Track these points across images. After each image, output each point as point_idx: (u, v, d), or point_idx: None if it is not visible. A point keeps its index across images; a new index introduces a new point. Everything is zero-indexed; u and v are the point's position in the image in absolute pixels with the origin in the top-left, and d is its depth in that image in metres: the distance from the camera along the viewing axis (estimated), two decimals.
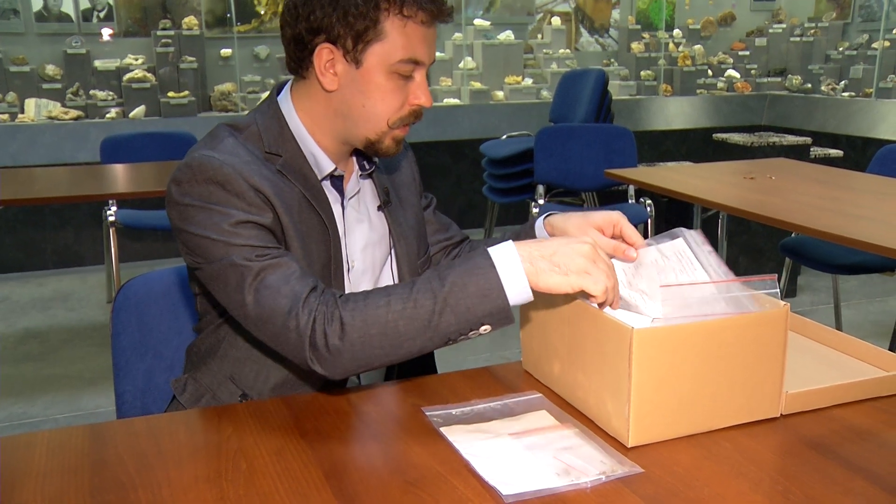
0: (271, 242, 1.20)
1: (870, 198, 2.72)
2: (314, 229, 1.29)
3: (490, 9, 6.33)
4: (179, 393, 1.37)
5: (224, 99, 5.45)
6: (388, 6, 1.20)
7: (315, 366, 1.15)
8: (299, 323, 1.14)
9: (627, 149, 4.23)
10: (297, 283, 1.16)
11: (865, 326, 3.97)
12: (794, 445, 1.07)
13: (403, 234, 1.43)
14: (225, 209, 1.19)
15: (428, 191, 1.62)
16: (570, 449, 1.06)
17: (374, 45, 1.22)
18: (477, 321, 1.11)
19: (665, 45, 6.70)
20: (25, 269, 4.97)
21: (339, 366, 1.14)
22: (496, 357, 3.57)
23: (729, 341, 1.08)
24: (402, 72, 1.24)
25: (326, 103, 1.28)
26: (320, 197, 1.30)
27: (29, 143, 4.81)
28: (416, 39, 1.23)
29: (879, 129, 5.51)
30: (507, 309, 1.12)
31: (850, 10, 6.70)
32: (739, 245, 4.24)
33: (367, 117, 1.26)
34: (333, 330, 1.12)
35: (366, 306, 1.13)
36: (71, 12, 5.27)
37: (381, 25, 1.21)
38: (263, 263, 1.17)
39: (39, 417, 3.08)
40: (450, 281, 1.11)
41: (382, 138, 1.29)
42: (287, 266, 1.18)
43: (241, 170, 1.20)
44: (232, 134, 1.28)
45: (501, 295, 1.10)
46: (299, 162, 1.29)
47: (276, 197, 1.23)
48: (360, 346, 1.12)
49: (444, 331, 1.12)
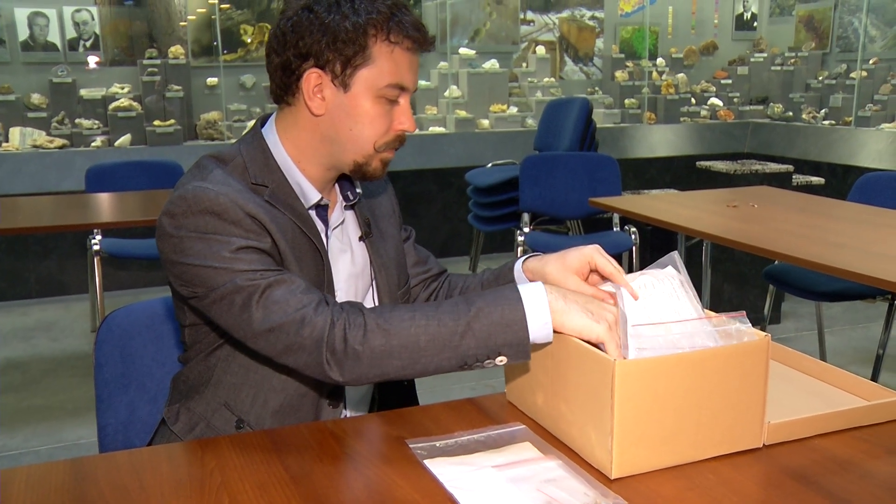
0: (272, 265, 1.22)
1: (850, 226, 2.75)
2: (307, 254, 1.30)
3: (475, 38, 6.39)
4: (172, 422, 1.37)
5: (210, 128, 5.46)
6: (376, 32, 1.24)
7: (332, 370, 1.16)
8: (314, 329, 1.15)
9: (612, 177, 4.26)
10: (305, 294, 1.18)
11: (849, 353, 3.99)
12: (776, 476, 1.08)
13: (384, 265, 1.44)
14: (224, 237, 1.20)
15: (413, 219, 1.64)
16: (553, 481, 1.06)
17: (362, 69, 1.25)
18: (496, 349, 1.14)
19: (649, 74, 6.78)
20: (8, 298, 4.93)
21: (356, 370, 1.16)
22: (482, 386, 3.56)
23: (711, 372, 1.09)
24: (389, 96, 1.27)
25: (313, 129, 1.30)
26: (310, 224, 1.32)
27: (14, 171, 4.79)
28: (402, 65, 1.27)
29: (859, 157, 5.58)
30: (527, 342, 1.14)
31: (828, 41, 6.81)
32: (723, 272, 4.27)
33: (355, 140, 1.29)
34: (355, 335, 1.14)
35: (391, 316, 1.15)
36: (57, 41, 5.28)
37: (370, 51, 1.24)
38: (269, 280, 1.19)
39: (20, 449, 3.04)
40: (476, 306, 1.15)
41: (370, 161, 1.31)
42: (291, 281, 1.20)
43: (235, 199, 1.21)
44: (218, 165, 1.29)
45: (524, 327, 1.14)
46: (286, 192, 1.31)
47: (272, 223, 1.24)
48: (381, 353, 1.14)
49: (463, 352, 1.14)
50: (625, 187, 4.75)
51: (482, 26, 6.41)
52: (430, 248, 1.59)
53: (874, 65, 6.17)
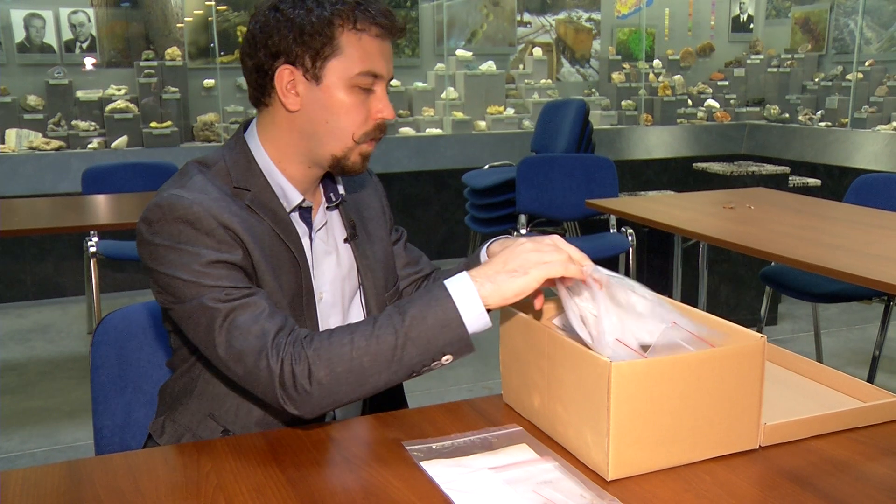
0: (241, 282, 1.21)
1: (847, 227, 2.75)
2: (284, 262, 1.30)
3: (472, 39, 6.40)
4: (158, 436, 1.36)
5: (207, 129, 5.46)
6: (343, 22, 1.24)
7: (287, 405, 1.16)
8: (269, 363, 1.15)
9: (608, 179, 4.27)
10: (267, 322, 1.17)
11: (845, 354, 3.99)
12: (772, 478, 1.08)
13: (371, 268, 1.44)
14: (195, 249, 1.20)
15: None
16: (550, 483, 1.06)
17: (332, 60, 1.25)
18: (438, 352, 1.15)
19: (645, 76, 6.79)
20: (5, 300, 4.92)
21: (309, 405, 1.16)
22: (478, 388, 3.57)
23: (707, 374, 1.09)
24: (362, 85, 1.27)
25: (291, 127, 1.31)
26: (289, 230, 1.32)
27: (10, 173, 4.79)
28: (372, 52, 1.27)
29: (855, 159, 5.59)
30: (467, 338, 1.15)
31: (824, 43, 6.83)
32: (720, 274, 4.27)
33: (332, 133, 1.29)
34: (301, 370, 1.14)
35: (330, 345, 1.15)
36: (53, 43, 5.27)
37: (337, 41, 1.25)
38: (233, 304, 1.18)
39: (16, 452, 3.04)
40: (410, 315, 1.14)
41: (349, 154, 1.31)
42: (256, 306, 1.19)
43: (210, 208, 1.22)
44: (201, 171, 1.29)
45: (460, 324, 1.14)
46: (267, 196, 1.31)
47: (247, 232, 1.24)
48: (328, 384, 1.15)
49: (407, 363, 1.15)
50: (621, 189, 4.76)
51: (479, 28, 6.42)
52: (427, 249, 1.59)
53: (870, 67, 6.18)
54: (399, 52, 6.12)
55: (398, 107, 5.92)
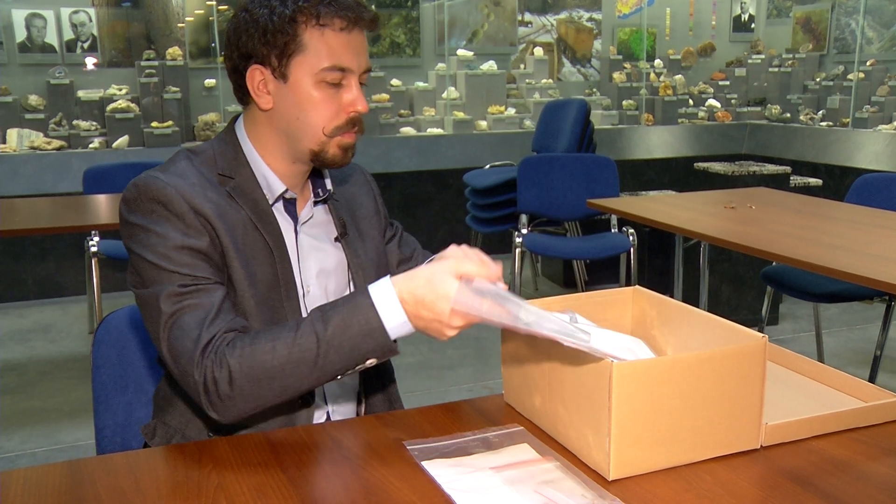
0: (200, 270, 1.23)
1: (848, 227, 2.75)
2: (259, 251, 1.31)
3: (473, 39, 6.40)
4: (150, 438, 1.38)
5: (208, 129, 5.46)
6: (305, 18, 1.25)
7: (210, 411, 1.18)
8: (196, 368, 1.17)
9: (609, 178, 4.26)
10: (207, 327, 1.19)
11: (846, 354, 3.99)
12: (773, 478, 1.08)
13: (361, 266, 1.44)
14: (163, 230, 1.23)
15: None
16: (551, 482, 1.06)
17: (297, 57, 1.26)
18: (362, 357, 1.16)
19: (646, 75, 6.78)
20: (6, 300, 4.92)
21: (230, 411, 1.18)
22: (479, 388, 3.57)
23: (708, 374, 1.09)
24: (329, 80, 1.27)
25: (268, 124, 1.33)
26: (267, 220, 1.33)
27: (11, 173, 4.79)
28: (337, 47, 1.26)
29: (857, 159, 5.58)
30: (391, 345, 1.16)
31: (825, 42, 6.82)
32: (721, 274, 4.27)
33: (304, 129, 1.30)
34: (223, 376, 1.16)
35: (252, 352, 1.16)
36: (55, 43, 5.28)
37: (301, 38, 1.25)
38: (182, 304, 1.20)
39: (17, 451, 3.04)
40: (333, 323, 1.15)
41: (325, 148, 1.32)
42: (202, 307, 1.20)
43: (183, 191, 1.25)
44: (188, 157, 1.33)
45: (383, 333, 1.15)
46: (251, 185, 1.33)
47: (219, 219, 1.26)
48: (249, 391, 1.16)
49: (330, 370, 1.16)
50: (623, 189, 4.76)
51: (480, 28, 6.42)
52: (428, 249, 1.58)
53: (871, 66, 6.18)
54: (400, 51, 6.13)
55: (399, 106, 5.92)
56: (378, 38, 6.05)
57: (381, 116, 5.73)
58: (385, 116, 5.75)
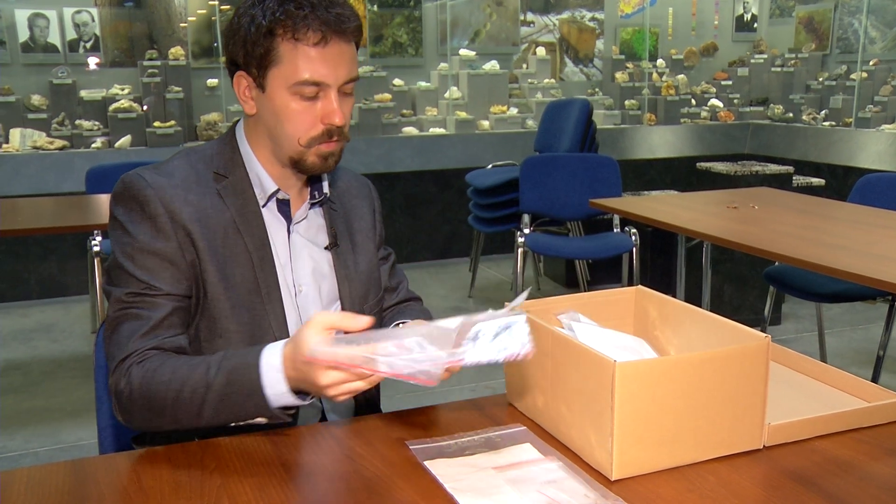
0: (158, 278, 1.26)
1: (850, 227, 2.75)
2: (239, 255, 1.32)
3: (475, 39, 6.39)
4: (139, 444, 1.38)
5: (210, 129, 5.46)
6: (282, 31, 1.25)
7: (117, 415, 1.23)
8: (111, 375, 1.23)
9: (612, 178, 4.26)
10: (136, 339, 1.23)
11: (849, 354, 3.98)
12: (776, 478, 1.07)
13: (348, 277, 1.43)
14: (134, 230, 1.27)
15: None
16: (554, 482, 1.06)
17: (273, 69, 1.27)
18: (248, 417, 1.17)
19: (649, 75, 6.78)
20: (8, 299, 4.93)
21: (132, 423, 1.23)
22: (481, 387, 3.56)
23: (711, 374, 1.09)
24: (304, 93, 1.28)
25: (256, 128, 1.35)
26: (253, 222, 1.34)
27: (13, 173, 4.79)
28: (311, 61, 1.26)
29: (859, 158, 5.58)
30: (274, 412, 1.15)
31: (828, 42, 6.81)
32: (724, 274, 4.27)
33: (282, 138, 1.32)
34: (125, 392, 1.20)
35: (152, 378, 1.19)
36: (57, 42, 5.28)
37: (277, 50, 1.26)
38: (125, 311, 1.25)
39: (19, 451, 3.04)
40: (223, 374, 1.16)
41: (303, 157, 1.32)
42: (141, 319, 1.24)
43: (163, 193, 1.27)
44: (186, 154, 1.36)
45: (264, 402, 1.14)
46: (243, 185, 1.35)
47: (197, 222, 1.28)
48: (145, 413, 1.21)
49: (217, 419, 1.18)
50: (625, 189, 4.75)
51: (482, 27, 6.41)
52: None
53: (874, 66, 6.17)
54: (402, 51, 6.13)
55: (401, 106, 5.92)
56: (380, 38, 6.05)
57: (384, 116, 5.73)
58: (387, 116, 5.75)
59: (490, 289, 5.16)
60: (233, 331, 1.31)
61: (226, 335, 1.31)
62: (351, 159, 5.36)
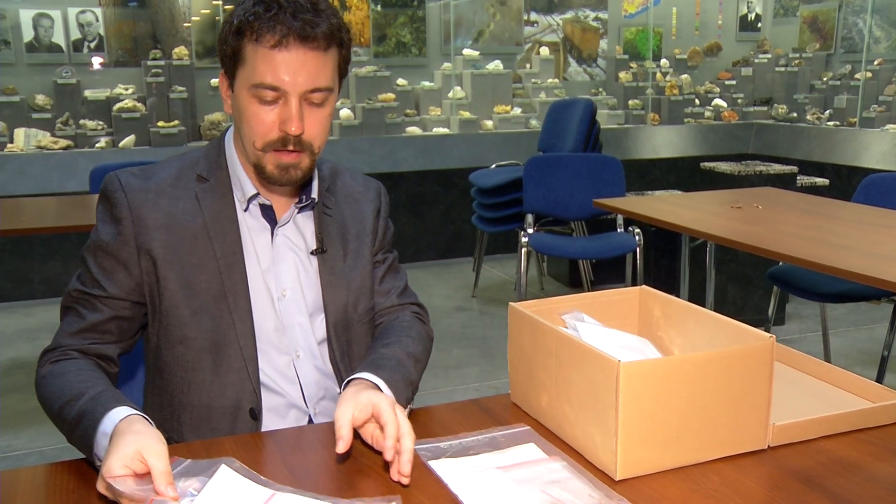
0: (109, 280, 1.30)
1: (855, 227, 2.74)
2: (207, 262, 1.32)
3: (479, 39, 6.39)
4: None
5: (214, 128, 5.47)
6: (250, 33, 1.26)
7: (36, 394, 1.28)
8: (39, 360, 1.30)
9: (615, 178, 4.26)
10: (68, 336, 1.30)
11: (853, 354, 3.98)
12: (781, 478, 1.07)
13: (333, 284, 1.40)
14: (102, 228, 1.32)
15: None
16: (558, 482, 1.06)
17: (239, 70, 1.29)
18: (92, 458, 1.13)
19: (652, 75, 6.77)
20: (13, 298, 4.94)
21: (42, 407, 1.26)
22: (485, 387, 3.56)
23: (715, 374, 1.09)
24: (261, 97, 1.27)
25: (237, 129, 1.37)
26: (228, 227, 1.35)
27: (17, 173, 4.80)
28: (271, 64, 1.24)
29: (864, 158, 5.57)
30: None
31: (832, 42, 6.80)
32: (727, 274, 4.26)
33: (244, 139, 1.32)
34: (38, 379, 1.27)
35: (52, 382, 1.25)
36: (61, 42, 5.29)
37: (242, 51, 1.27)
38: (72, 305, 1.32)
39: (25, 450, 3.05)
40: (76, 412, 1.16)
41: (262, 162, 1.31)
42: (80, 317, 1.30)
43: (133, 197, 1.31)
44: (178, 158, 1.40)
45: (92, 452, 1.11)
46: (223, 189, 1.36)
47: (164, 228, 1.31)
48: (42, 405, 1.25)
49: (78, 447, 1.17)
50: (629, 188, 4.75)
51: (486, 27, 6.41)
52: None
53: (879, 66, 6.16)
54: (406, 51, 6.13)
55: (405, 106, 5.92)
56: (384, 38, 6.05)
57: (387, 116, 5.74)
58: (391, 116, 5.76)
59: (493, 289, 5.16)
60: (192, 338, 1.32)
61: (186, 342, 1.32)
62: (354, 159, 5.36)
